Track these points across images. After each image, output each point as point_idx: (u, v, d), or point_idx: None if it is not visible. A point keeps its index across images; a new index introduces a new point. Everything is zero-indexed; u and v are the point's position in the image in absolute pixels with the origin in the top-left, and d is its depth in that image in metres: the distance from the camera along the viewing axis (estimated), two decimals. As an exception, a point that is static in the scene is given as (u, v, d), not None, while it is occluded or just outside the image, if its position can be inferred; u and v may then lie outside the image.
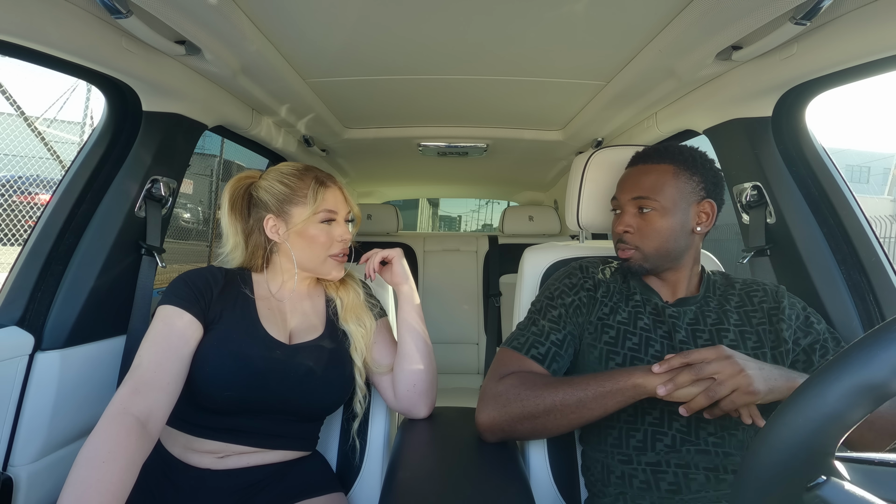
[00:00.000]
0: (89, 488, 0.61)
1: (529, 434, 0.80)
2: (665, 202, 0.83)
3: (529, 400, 0.76)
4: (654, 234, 0.84)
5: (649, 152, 0.89)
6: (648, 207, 0.84)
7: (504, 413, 0.78)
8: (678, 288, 0.88)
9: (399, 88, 1.31)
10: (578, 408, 0.73)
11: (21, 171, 4.51)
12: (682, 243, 0.85)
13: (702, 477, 0.75)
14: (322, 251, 0.91)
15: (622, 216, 0.88)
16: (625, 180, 0.90)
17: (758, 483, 0.38)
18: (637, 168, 0.89)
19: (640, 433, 0.80)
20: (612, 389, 0.72)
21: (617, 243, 0.90)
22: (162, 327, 0.78)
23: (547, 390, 0.76)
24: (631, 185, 0.87)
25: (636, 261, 0.86)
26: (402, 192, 3.26)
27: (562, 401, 0.74)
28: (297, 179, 0.90)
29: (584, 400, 0.73)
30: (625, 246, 0.88)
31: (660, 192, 0.84)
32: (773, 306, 0.84)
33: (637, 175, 0.88)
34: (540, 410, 0.75)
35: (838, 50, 0.81)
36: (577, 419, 0.74)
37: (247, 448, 0.84)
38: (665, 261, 0.86)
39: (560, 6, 0.86)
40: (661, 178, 0.84)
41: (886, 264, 0.93)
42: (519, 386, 0.78)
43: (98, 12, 0.81)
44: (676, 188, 0.84)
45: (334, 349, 0.91)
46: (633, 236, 0.86)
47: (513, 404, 0.77)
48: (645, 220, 0.85)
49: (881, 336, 0.36)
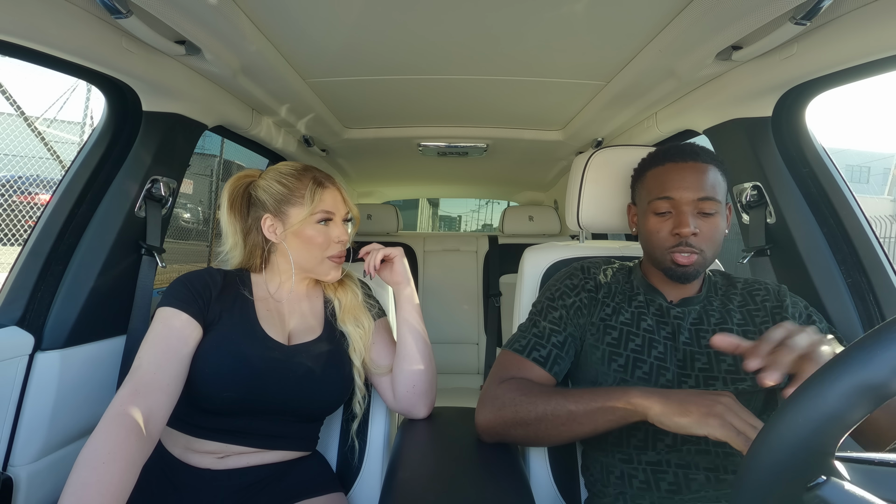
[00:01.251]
0: (89, 489, 0.61)
1: (523, 440, 0.79)
2: (722, 204, 0.82)
3: (522, 406, 0.75)
4: (718, 236, 0.81)
5: (697, 150, 0.84)
6: (713, 210, 0.80)
7: (499, 417, 0.78)
8: (682, 288, 0.88)
9: (399, 88, 1.31)
10: (569, 421, 0.72)
11: (21, 171, 4.51)
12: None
13: (702, 477, 0.75)
14: (319, 252, 0.90)
15: (682, 216, 0.79)
16: (680, 178, 0.81)
17: (758, 483, 0.38)
18: (689, 166, 0.81)
19: (642, 431, 0.80)
20: (603, 406, 0.69)
21: (675, 247, 0.81)
22: (161, 329, 0.79)
23: (540, 398, 0.75)
24: (694, 185, 0.80)
25: (698, 266, 0.80)
26: (402, 192, 3.26)
27: (553, 411, 0.73)
28: (294, 180, 0.90)
29: (575, 413, 0.71)
30: (690, 249, 0.80)
31: (719, 193, 0.81)
32: (776, 305, 0.83)
33: (696, 174, 0.81)
34: (531, 418, 0.74)
35: (838, 50, 0.81)
36: (568, 432, 0.72)
37: (246, 448, 0.84)
38: (710, 265, 0.84)
39: (560, 6, 0.86)
40: (717, 178, 0.82)
41: (886, 264, 0.93)
42: (515, 391, 0.78)
43: (98, 12, 0.81)
44: (724, 189, 0.83)
45: (333, 350, 0.91)
46: (700, 239, 0.80)
47: (507, 409, 0.77)
48: (709, 222, 0.80)
49: (881, 336, 0.36)
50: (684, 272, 0.81)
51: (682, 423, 0.62)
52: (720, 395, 0.64)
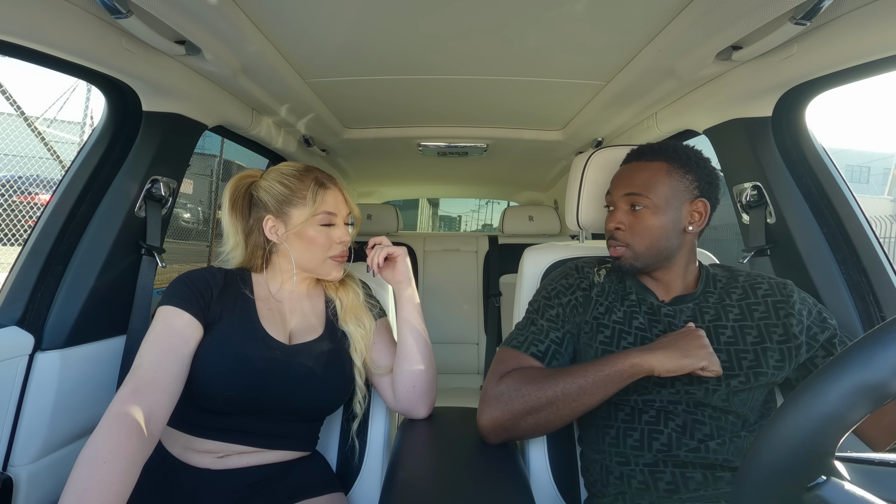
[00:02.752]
0: (90, 489, 0.61)
1: (533, 429, 0.79)
2: (657, 200, 0.83)
3: (531, 394, 0.76)
4: (646, 231, 0.84)
5: (644, 150, 0.89)
6: (640, 205, 0.84)
7: (506, 411, 0.78)
8: (672, 287, 0.88)
9: (399, 88, 1.31)
10: (580, 395, 0.74)
11: (21, 171, 4.51)
12: (674, 242, 0.85)
13: (699, 475, 0.76)
14: (321, 253, 0.90)
15: (614, 213, 0.88)
16: (618, 177, 0.90)
17: (758, 483, 0.38)
18: (631, 165, 0.89)
19: (637, 432, 0.80)
20: (610, 373, 0.74)
21: (608, 240, 0.90)
22: (162, 328, 0.78)
23: (547, 382, 0.76)
24: (624, 182, 0.87)
25: (627, 259, 0.86)
26: (402, 192, 3.26)
27: (563, 390, 0.75)
28: (296, 180, 0.90)
29: (585, 386, 0.74)
30: (616, 243, 0.87)
31: (652, 190, 0.83)
32: (781, 300, 0.82)
33: (630, 172, 0.87)
34: (542, 403, 0.75)
35: (838, 50, 0.81)
36: (580, 406, 0.75)
37: (247, 448, 0.84)
38: (656, 259, 0.85)
39: (560, 6, 0.86)
40: (654, 175, 0.84)
41: (886, 264, 0.93)
42: (519, 381, 0.78)
43: (98, 12, 0.81)
44: (669, 186, 0.83)
45: (334, 349, 0.91)
46: (625, 233, 0.86)
47: (515, 401, 0.77)
48: (636, 217, 0.85)
49: (881, 336, 0.36)
50: (618, 265, 0.88)
51: (683, 363, 0.72)
52: (695, 330, 0.77)
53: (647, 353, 0.73)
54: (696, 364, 0.71)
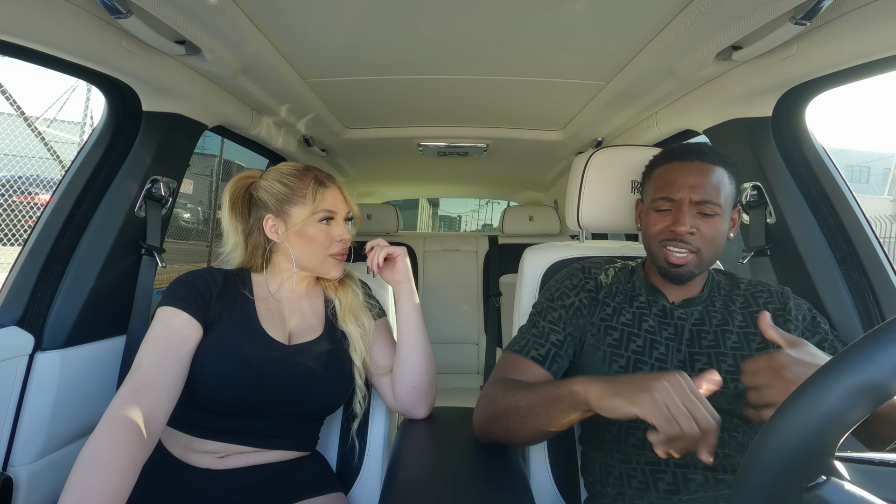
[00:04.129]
0: (89, 489, 0.61)
1: (504, 436, 0.78)
2: (725, 206, 0.81)
3: (499, 401, 0.76)
4: (717, 237, 0.81)
5: (705, 150, 0.84)
6: (713, 211, 0.79)
7: (484, 412, 0.80)
8: (686, 289, 0.87)
9: (399, 88, 1.31)
10: (528, 412, 0.70)
11: (21, 171, 4.51)
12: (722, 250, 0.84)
13: (700, 477, 0.75)
14: (321, 251, 0.91)
15: (681, 215, 0.79)
16: (683, 178, 0.81)
17: (758, 483, 0.38)
18: (695, 166, 0.81)
19: (640, 430, 0.80)
20: (553, 395, 0.68)
21: (670, 243, 0.81)
22: (161, 328, 0.79)
23: (510, 392, 0.75)
24: (695, 185, 0.80)
25: (692, 266, 0.80)
26: (402, 192, 3.26)
27: (515, 403, 0.73)
28: (296, 179, 0.90)
29: (533, 404, 0.70)
30: (683, 247, 0.80)
31: (721, 196, 0.80)
32: (779, 307, 0.83)
33: (699, 174, 0.80)
34: (501, 411, 0.75)
35: (838, 50, 0.81)
36: (530, 424, 0.71)
37: (247, 448, 0.84)
38: (709, 267, 0.84)
39: (560, 6, 0.86)
40: (722, 180, 0.81)
41: (886, 264, 0.93)
42: (499, 387, 0.79)
43: (98, 12, 0.81)
44: (730, 193, 0.82)
45: (333, 349, 0.91)
46: (697, 238, 0.80)
47: (489, 405, 0.78)
48: (708, 223, 0.80)
49: (881, 336, 0.36)
50: (678, 273, 0.81)
51: (614, 404, 0.58)
52: (666, 375, 0.57)
53: (589, 383, 0.64)
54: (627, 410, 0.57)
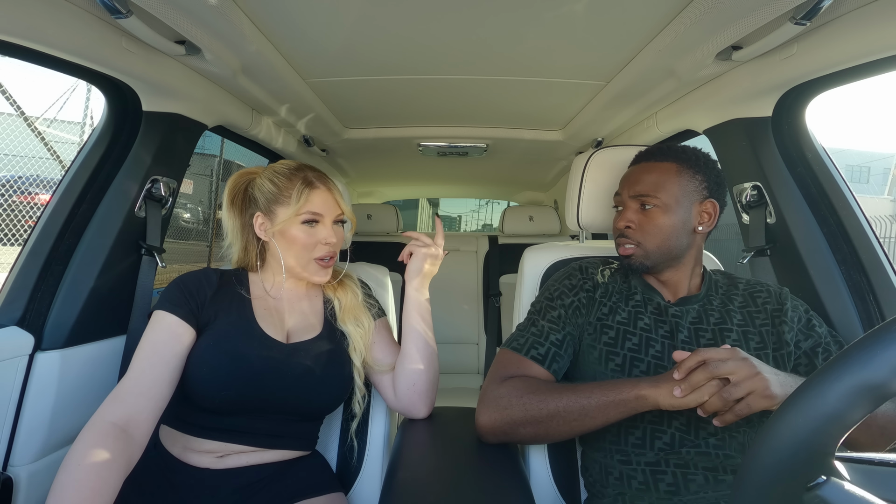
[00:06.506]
0: (66, 489, 0.63)
1: (531, 438, 0.80)
2: (667, 199, 0.84)
3: (533, 405, 0.75)
4: (656, 230, 0.85)
5: (653, 150, 0.90)
6: (650, 204, 0.85)
7: (506, 416, 0.78)
8: (679, 287, 0.88)
9: (399, 88, 1.31)
10: (581, 416, 0.73)
11: (21, 171, 4.51)
12: (684, 242, 0.85)
13: (700, 478, 0.75)
14: (304, 253, 0.90)
15: (624, 212, 0.89)
16: (627, 177, 0.91)
17: (758, 483, 0.38)
18: (640, 166, 0.89)
19: (640, 430, 0.80)
20: (615, 400, 0.71)
21: (618, 239, 0.90)
22: (150, 333, 0.80)
23: (551, 396, 0.75)
24: (634, 182, 0.88)
25: (637, 258, 0.86)
26: (402, 192, 3.26)
27: (565, 407, 0.74)
28: (285, 179, 0.90)
29: (588, 408, 0.73)
30: (626, 241, 0.87)
31: (662, 190, 0.84)
32: (777, 308, 0.84)
33: (640, 172, 0.88)
34: (543, 415, 0.75)
35: (838, 50, 0.81)
36: (580, 426, 0.74)
37: (246, 448, 0.84)
38: (666, 259, 0.86)
39: (560, 6, 0.86)
40: (664, 175, 0.85)
41: (886, 264, 0.93)
42: (522, 389, 0.78)
43: (98, 12, 0.81)
44: (679, 186, 0.84)
45: (333, 349, 0.91)
46: (635, 232, 0.86)
47: (515, 408, 0.77)
48: (647, 216, 0.85)
49: (881, 336, 0.36)
50: (629, 264, 0.88)
51: (686, 400, 0.66)
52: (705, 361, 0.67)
53: (657, 386, 0.69)
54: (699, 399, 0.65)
